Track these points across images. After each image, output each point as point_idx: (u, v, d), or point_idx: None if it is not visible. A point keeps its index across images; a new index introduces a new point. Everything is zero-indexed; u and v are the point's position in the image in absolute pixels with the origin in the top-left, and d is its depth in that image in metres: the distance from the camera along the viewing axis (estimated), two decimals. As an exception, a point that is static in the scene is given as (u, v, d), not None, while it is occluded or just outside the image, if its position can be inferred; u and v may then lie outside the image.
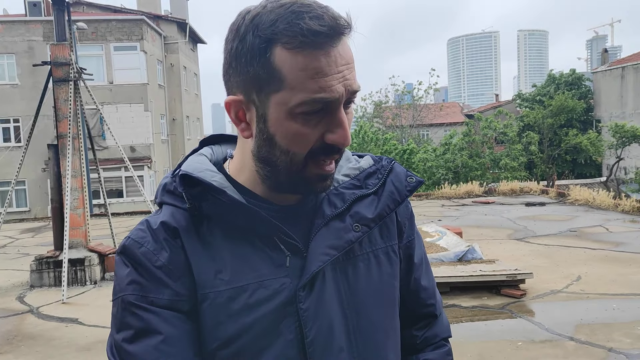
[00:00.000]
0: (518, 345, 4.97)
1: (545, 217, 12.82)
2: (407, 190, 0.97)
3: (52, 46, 8.30)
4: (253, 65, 0.81)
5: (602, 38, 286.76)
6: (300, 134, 0.82)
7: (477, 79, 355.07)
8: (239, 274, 0.86)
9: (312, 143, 0.83)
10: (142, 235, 0.88)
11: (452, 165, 24.20)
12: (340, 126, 0.82)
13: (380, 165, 0.99)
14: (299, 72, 0.79)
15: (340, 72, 0.80)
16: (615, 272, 7.42)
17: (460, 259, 7.31)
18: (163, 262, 0.85)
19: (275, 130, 0.83)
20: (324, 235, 0.90)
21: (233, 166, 0.95)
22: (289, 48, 0.78)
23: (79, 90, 8.26)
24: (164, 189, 0.93)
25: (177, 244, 0.87)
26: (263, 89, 0.82)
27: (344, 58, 0.81)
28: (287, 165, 0.85)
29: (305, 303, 0.87)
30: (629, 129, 21.95)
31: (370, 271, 0.95)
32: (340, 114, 0.82)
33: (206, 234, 0.88)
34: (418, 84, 36.15)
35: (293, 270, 0.88)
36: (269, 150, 0.85)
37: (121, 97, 23.19)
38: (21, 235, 14.26)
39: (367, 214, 0.93)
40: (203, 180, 0.87)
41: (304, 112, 0.81)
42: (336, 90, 0.80)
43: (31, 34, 23.09)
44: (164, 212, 0.91)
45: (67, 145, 7.91)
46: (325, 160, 0.85)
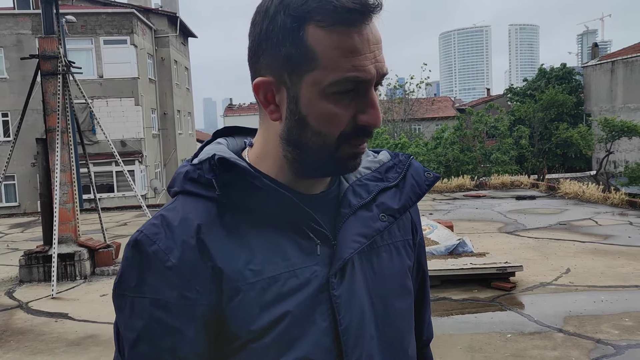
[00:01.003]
0: (507, 337, 5.00)
1: (536, 210, 12.90)
2: (426, 184, 0.99)
3: (40, 39, 8.22)
4: (285, 45, 0.80)
5: (593, 32, 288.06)
6: (333, 114, 0.82)
7: (469, 73, 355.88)
8: (270, 264, 0.85)
9: (345, 124, 0.83)
10: (155, 231, 0.84)
11: (443, 159, 24.28)
12: (372, 106, 0.83)
13: (398, 160, 1.01)
14: (332, 50, 0.79)
15: (372, 52, 0.81)
16: (604, 264, 7.48)
17: (451, 252, 7.34)
18: (174, 262, 0.82)
19: (308, 111, 0.83)
20: (352, 223, 0.90)
21: (253, 154, 0.93)
22: (323, 26, 0.78)
23: (67, 84, 8.19)
24: (185, 177, 0.90)
25: (195, 242, 0.83)
26: (295, 69, 0.81)
27: (375, 37, 0.81)
28: (319, 146, 0.84)
29: (338, 290, 0.87)
30: (618, 123, 22.08)
31: (393, 261, 0.97)
32: (372, 95, 0.83)
33: (233, 224, 0.85)
34: (410, 78, 36.15)
35: (323, 259, 0.88)
36: (300, 132, 0.84)
37: (111, 91, 23.03)
38: (10, 230, 14.17)
39: (392, 204, 0.95)
40: (239, 164, 0.85)
41: (337, 91, 0.80)
42: (369, 71, 0.80)
43: (20, 27, 22.86)
44: (183, 204, 0.87)
45: (56, 140, 7.85)
46: (357, 141, 0.85)
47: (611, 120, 22.27)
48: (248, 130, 1.03)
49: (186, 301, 0.82)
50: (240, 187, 0.85)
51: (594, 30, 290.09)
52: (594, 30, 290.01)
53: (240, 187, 0.85)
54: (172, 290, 0.82)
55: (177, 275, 0.82)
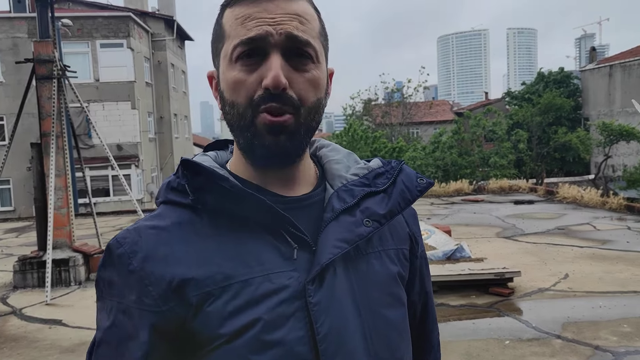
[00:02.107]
0: (505, 344, 4.96)
1: (534, 215, 12.87)
2: (418, 190, 0.96)
3: (35, 43, 8.17)
4: (213, 34, 0.90)
5: (591, 36, 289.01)
6: (238, 81, 0.84)
7: (467, 76, 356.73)
8: (243, 267, 0.83)
9: (252, 91, 0.83)
10: (124, 235, 0.86)
11: (441, 164, 24.26)
12: (269, 68, 0.82)
13: (390, 166, 0.99)
14: (233, 22, 0.85)
15: (273, 19, 0.83)
16: (602, 270, 7.45)
17: (448, 257, 7.30)
18: (135, 266, 0.83)
19: (223, 85, 0.87)
20: (334, 228, 0.88)
21: (232, 162, 0.95)
22: (232, 6, 0.87)
23: (62, 88, 8.14)
24: (168, 187, 0.92)
25: (162, 249, 0.84)
26: (217, 50, 0.89)
27: (281, 8, 0.84)
28: (237, 119, 0.85)
29: (315, 297, 0.84)
30: (616, 127, 22.10)
31: (384, 269, 0.93)
32: (271, 58, 0.83)
33: (208, 228, 0.85)
34: (407, 82, 36.17)
35: (301, 264, 0.85)
36: (224, 108, 0.87)
37: (108, 94, 22.96)
38: (5, 235, 14.09)
39: (378, 209, 0.92)
40: (204, 167, 0.85)
41: (239, 57, 0.84)
42: (262, 29, 0.83)
43: (15, 31, 22.81)
44: (160, 213, 0.89)
45: (51, 144, 7.80)
46: (267, 109, 0.83)
47: (609, 124, 22.28)
48: None
49: (143, 306, 0.83)
50: (214, 191, 0.85)
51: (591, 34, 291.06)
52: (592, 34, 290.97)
53: (213, 191, 0.85)
54: (131, 293, 0.83)
55: (136, 280, 0.83)
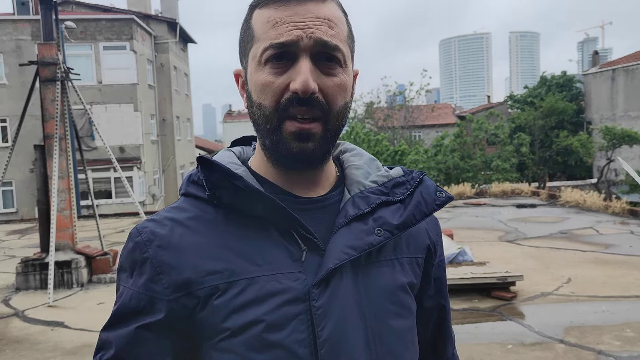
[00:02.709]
0: (508, 348, 4.95)
1: (536, 218, 12.85)
2: (436, 204, 0.95)
3: (39, 45, 8.20)
4: (242, 33, 0.91)
5: (593, 40, 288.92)
6: (266, 84, 0.84)
7: (469, 80, 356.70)
8: (252, 265, 0.84)
9: (279, 94, 0.84)
10: (144, 225, 0.89)
11: (443, 167, 24.24)
12: (298, 72, 0.83)
13: (411, 177, 0.98)
14: (263, 24, 0.85)
15: (303, 23, 0.83)
16: (605, 274, 7.43)
17: (451, 261, 7.30)
18: (150, 253, 0.85)
19: (251, 86, 0.88)
20: (344, 234, 0.88)
21: (253, 159, 0.96)
22: (261, 7, 0.87)
23: (66, 90, 8.16)
24: (189, 180, 0.94)
25: (177, 240, 0.86)
26: (245, 50, 0.89)
27: (311, 12, 0.84)
28: (264, 122, 0.86)
29: (319, 301, 0.84)
30: (619, 131, 22.08)
31: (395, 278, 0.92)
32: (301, 62, 0.83)
33: (222, 224, 0.87)
34: (410, 85, 36.18)
35: (309, 267, 0.85)
36: (251, 110, 0.88)
37: (110, 97, 23.00)
38: (7, 236, 14.11)
39: (391, 220, 0.91)
40: (219, 164, 0.87)
41: (268, 59, 0.84)
42: (293, 34, 0.83)
43: (19, 33, 22.87)
44: (179, 205, 0.91)
45: (54, 146, 7.82)
46: (295, 112, 0.84)
47: (612, 128, 22.27)
48: None
49: (151, 293, 0.85)
50: (228, 189, 0.86)
51: (594, 38, 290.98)
52: (594, 37, 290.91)
53: (229, 188, 0.86)
54: (144, 279, 0.85)
55: (150, 267, 0.85)
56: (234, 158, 0.95)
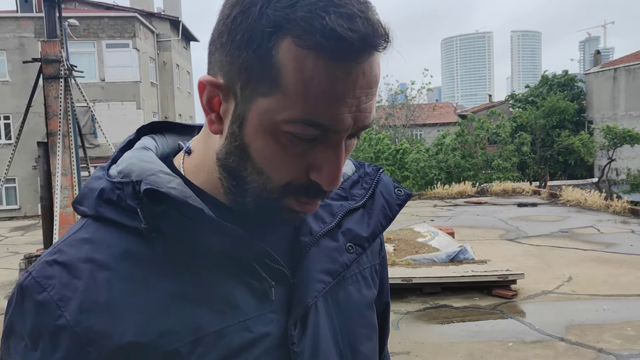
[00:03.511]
0: (509, 346, 4.97)
1: (537, 217, 12.86)
2: (397, 204, 0.82)
3: (42, 43, 8.23)
4: (248, 49, 0.60)
5: (595, 39, 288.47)
6: (279, 159, 0.63)
7: (471, 79, 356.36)
8: (214, 314, 0.66)
9: (293, 175, 0.64)
10: (47, 273, 0.63)
11: (444, 166, 24.24)
12: (333, 167, 0.63)
13: (364, 172, 0.84)
14: (303, 80, 0.58)
15: (357, 99, 0.60)
16: (606, 273, 7.45)
17: (452, 259, 7.32)
18: (68, 320, 0.61)
19: (252, 142, 0.63)
20: (315, 257, 0.73)
21: (191, 164, 0.73)
22: (301, 45, 0.58)
23: (69, 87, 8.19)
24: (100, 197, 0.68)
25: (106, 293, 0.63)
26: (250, 83, 0.61)
27: (367, 80, 0.61)
28: (259, 188, 0.65)
29: (299, 345, 0.69)
30: (620, 130, 22.08)
31: (361, 295, 0.80)
32: (338, 151, 0.63)
33: (164, 265, 0.65)
34: (411, 84, 36.16)
35: (279, 303, 0.70)
36: (240, 162, 0.65)
37: (113, 94, 23.05)
38: (11, 233, 14.16)
39: (360, 231, 0.77)
40: (177, 198, 0.64)
41: (292, 133, 0.61)
42: (343, 121, 0.61)
43: (22, 31, 22.92)
44: (94, 236, 0.66)
45: (57, 143, 7.85)
46: (306, 199, 0.67)
47: (613, 127, 22.26)
48: (182, 127, 0.82)
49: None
50: (176, 220, 0.65)
51: (596, 37, 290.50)
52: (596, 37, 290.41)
53: (176, 219, 0.65)
54: (56, 354, 0.62)
55: (69, 339, 0.61)
56: (158, 162, 0.71)
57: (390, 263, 7.09)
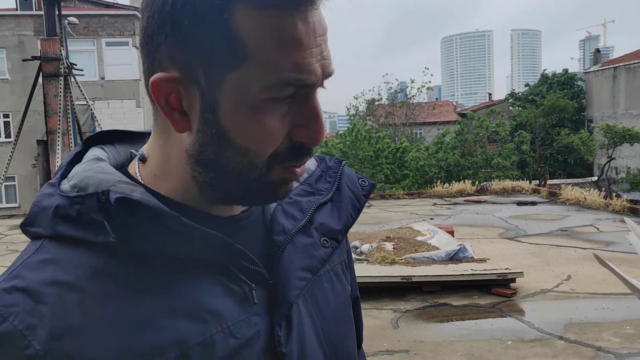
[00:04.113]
0: (508, 344, 4.97)
1: (537, 216, 12.87)
2: (363, 195, 0.82)
3: (42, 41, 8.23)
4: (202, 30, 0.57)
5: (595, 38, 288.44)
6: (265, 129, 0.61)
7: (471, 77, 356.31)
8: (196, 324, 0.62)
9: (280, 140, 0.62)
10: (8, 301, 0.57)
11: (444, 164, 24.26)
12: (314, 118, 0.63)
13: (325, 166, 0.83)
14: (268, 42, 0.57)
15: (319, 46, 0.60)
16: (605, 271, 7.36)
17: (451, 257, 7.32)
18: (37, 349, 0.56)
19: (231, 123, 0.61)
20: (292, 255, 0.71)
21: (149, 172, 0.69)
22: (255, 8, 0.57)
23: (69, 85, 8.20)
24: (56, 215, 0.63)
25: (76, 316, 0.58)
26: (215, 64, 0.58)
27: (322, 27, 0.61)
28: (245, 169, 0.63)
29: (287, 345, 0.68)
30: (620, 129, 22.08)
31: (335, 292, 0.79)
32: (315, 103, 0.63)
33: (135, 278, 0.61)
34: (411, 83, 36.16)
35: (260, 305, 0.68)
36: (219, 150, 0.62)
37: (113, 93, 23.04)
38: (10, 231, 14.15)
39: (333, 225, 0.77)
40: (153, 207, 0.60)
41: (272, 98, 0.60)
42: (315, 71, 0.60)
43: (22, 29, 22.89)
44: (55, 256, 0.61)
45: (57, 141, 7.85)
46: (292, 163, 0.65)
47: (613, 126, 22.27)
48: (132, 134, 0.78)
49: None
50: (145, 228, 0.61)
51: (596, 36, 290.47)
52: (596, 36, 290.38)
53: (144, 227, 0.61)
54: None
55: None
56: (116, 173, 0.67)
57: (390, 261, 7.09)
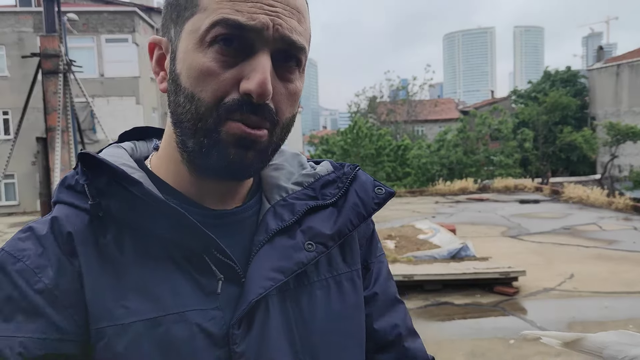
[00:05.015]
0: (510, 343, 4.94)
1: (539, 214, 12.82)
2: (375, 202, 0.78)
3: (41, 38, 8.19)
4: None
5: (598, 35, 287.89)
6: (208, 72, 0.63)
7: (473, 75, 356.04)
8: (151, 301, 0.64)
9: (224, 90, 0.64)
10: (20, 246, 0.65)
11: (446, 162, 24.21)
12: (256, 69, 0.63)
13: (342, 172, 0.80)
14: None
15: (272, 8, 0.64)
16: (608, 270, 7.41)
17: (453, 256, 7.29)
18: (46, 283, 0.62)
19: (182, 68, 0.65)
20: (267, 254, 0.70)
21: (156, 159, 0.75)
22: None
23: (68, 82, 8.16)
24: (62, 185, 0.71)
25: (70, 258, 0.65)
26: (179, 18, 0.66)
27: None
28: (193, 118, 0.65)
29: (241, 345, 0.65)
30: (623, 127, 22.00)
31: (331, 302, 0.74)
32: (259, 57, 0.64)
33: (111, 244, 0.66)
34: (413, 80, 36.12)
35: (227, 301, 0.66)
36: (174, 98, 0.66)
37: (112, 90, 23.01)
38: (10, 229, 14.16)
39: (323, 229, 0.73)
40: (109, 163, 0.65)
41: (215, 40, 0.63)
42: (256, 18, 0.63)
43: (21, 25, 22.86)
44: (56, 215, 0.68)
45: (56, 139, 7.81)
46: (241, 117, 0.65)
47: (616, 124, 22.19)
48: (161, 131, 0.82)
49: (60, 334, 0.62)
50: (122, 198, 0.65)
51: (599, 33, 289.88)
52: (599, 32, 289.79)
53: (121, 197, 0.65)
54: (40, 318, 0.62)
55: (49, 301, 0.62)
56: (125, 157, 0.72)
57: (391, 260, 7.05)
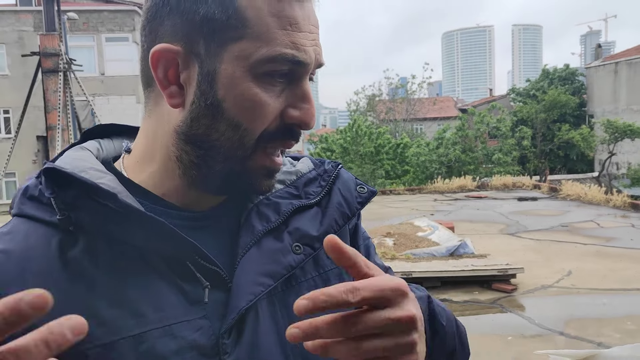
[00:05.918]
0: (508, 340, 4.97)
1: (537, 212, 12.86)
2: (358, 202, 0.77)
3: (41, 36, 8.21)
4: (205, 2, 0.61)
5: (596, 33, 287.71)
6: (261, 104, 0.63)
7: (471, 73, 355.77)
8: (133, 317, 0.60)
9: (271, 119, 0.64)
10: None
11: (445, 160, 24.22)
12: (306, 100, 0.65)
13: (323, 170, 0.79)
14: (269, 17, 0.61)
15: (312, 33, 0.64)
16: (606, 267, 7.45)
17: (452, 253, 7.32)
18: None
19: (227, 94, 0.62)
20: (254, 258, 0.67)
21: (131, 161, 0.71)
22: None
23: (68, 81, 8.18)
24: (24, 195, 0.65)
25: (15, 282, 0.58)
26: (217, 34, 0.61)
27: (315, 18, 0.66)
28: (233, 146, 0.64)
29: (232, 354, 0.63)
30: (621, 124, 22.03)
31: None
32: (307, 86, 0.66)
33: (83, 258, 0.61)
34: (412, 78, 36.12)
35: (214, 308, 0.64)
36: (211, 123, 0.63)
37: (113, 88, 23.01)
38: (11, 227, 14.17)
39: (310, 230, 0.72)
40: (81, 178, 0.61)
41: (269, 72, 0.62)
42: (309, 53, 0.63)
43: (21, 24, 22.85)
44: (12, 229, 0.63)
45: (56, 137, 7.83)
46: (278, 146, 0.67)
47: (614, 121, 22.21)
48: (127, 129, 0.80)
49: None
50: (94, 211, 0.61)
51: (597, 31, 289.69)
52: (597, 31, 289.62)
53: (93, 210, 0.61)
54: None
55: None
56: (91, 160, 0.68)
57: (390, 257, 7.09)
